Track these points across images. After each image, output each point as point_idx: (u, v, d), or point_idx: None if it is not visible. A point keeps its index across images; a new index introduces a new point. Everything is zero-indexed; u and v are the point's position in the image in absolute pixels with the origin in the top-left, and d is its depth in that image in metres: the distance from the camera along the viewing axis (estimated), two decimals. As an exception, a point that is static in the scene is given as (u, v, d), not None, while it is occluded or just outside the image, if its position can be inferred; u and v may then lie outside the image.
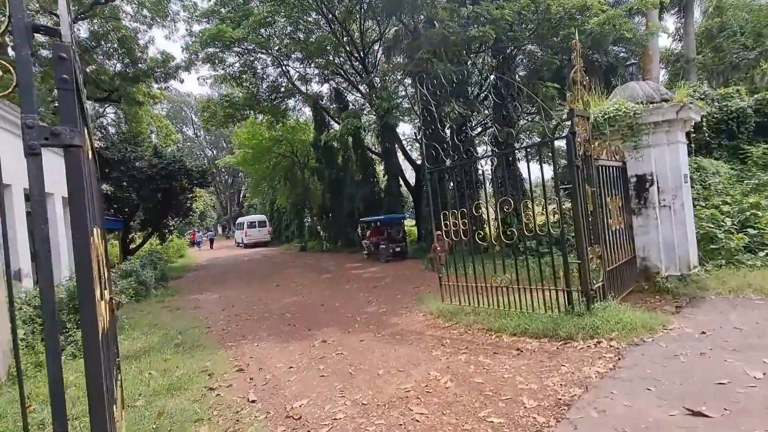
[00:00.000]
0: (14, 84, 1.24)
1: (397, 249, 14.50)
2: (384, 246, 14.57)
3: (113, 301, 3.36)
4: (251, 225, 30.49)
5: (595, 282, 4.89)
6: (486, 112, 17.15)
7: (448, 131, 14.00)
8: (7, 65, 1.26)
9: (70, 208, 1.39)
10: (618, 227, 5.86)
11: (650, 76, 13.87)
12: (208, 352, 5.40)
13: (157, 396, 3.93)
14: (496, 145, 12.04)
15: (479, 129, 18.80)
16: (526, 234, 5.42)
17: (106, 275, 3.06)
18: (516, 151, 11.85)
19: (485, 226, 14.30)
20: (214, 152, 54.87)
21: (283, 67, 18.28)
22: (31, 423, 2.98)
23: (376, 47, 19.50)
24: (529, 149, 6.82)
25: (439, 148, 6.70)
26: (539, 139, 17.45)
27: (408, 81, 20.94)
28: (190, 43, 16.33)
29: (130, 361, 5.13)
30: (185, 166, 16.54)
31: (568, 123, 4.80)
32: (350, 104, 20.67)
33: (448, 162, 7.94)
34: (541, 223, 7.33)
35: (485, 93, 15.29)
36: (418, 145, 25.43)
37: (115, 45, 16.35)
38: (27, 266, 7.27)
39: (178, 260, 22.87)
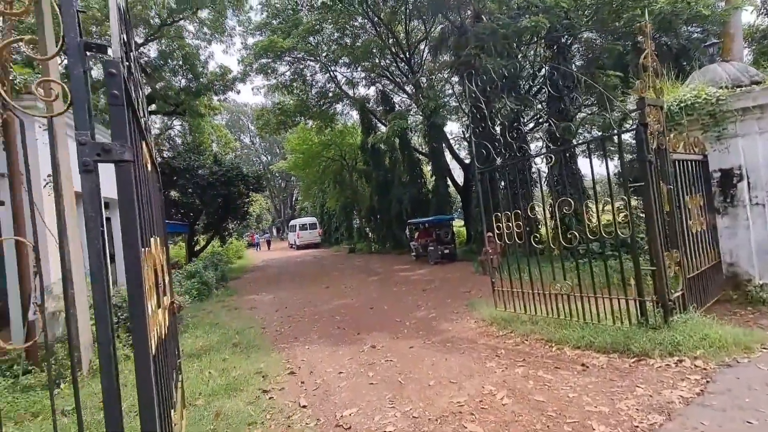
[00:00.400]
0: (69, 102, 1.27)
1: (446, 251, 14.18)
2: (432, 248, 14.33)
3: (174, 304, 3.54)
4: (303, 227, 31.55)
5: (673, 291, 4.35)
6: (539, 106, 16.29)
7: (498, 128, 13.45)
8: (62, 84, 1.30)
9: (120, 221, 1.41)
10: (699, 229, 5.19)
11: (732, 57, 12.29)
12: (263, 353, 5.56)
13: (216, 396, 4.08)
14: (552, 141, 11.31)
15: (532, 125, 17.91)
16: (589, 236, 4.97)
17: (166, 281, 3.23)
18: (576, 147, 11.07)
19: (540, 227, 13.56)
20: (269, 158, 57.59)
21: (331, 73, 18.71)
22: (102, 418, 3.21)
23: (422, 47, 19.32)
24: (591, 144, 6.26)
25: (489, 146, 6.38)
26: (600, 133, 16.28)
27: (455, 79, 20.55)
28: (245, 55, 17.24)
29: (192, 359, 5.42)
30: (242, 172, 17.46)
31: (637, 114, 4.33)
32: (396, 105, 20.64)
33: (498, 161, 7.56)
34: (604, 223, 6.75)
35: (538, 86, 14.51)
36: (466, 143, 24.84)
37: (180, 62, 17.67)
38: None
39: (237, 261, 24.23)
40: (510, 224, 5.75)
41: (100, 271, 1.29)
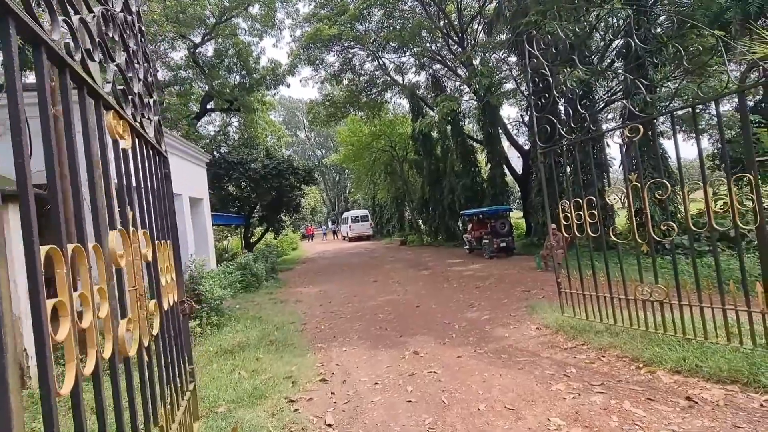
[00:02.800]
0: None
1: (503, 244, 13.06)
2: (488, 240, 13.28)
3: (186, 305, 3.18)
4: (354, 219, 31.64)
5: (822, 303, 3.18)
6: (613, 82, 14.33)
7: (562, 107, 11.98)
8: None
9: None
10: None
11: None
12: (297, 354, 5.19)
13: (240, 403, 3.73)
14: (629, 118, 9.78)
15: (602, 105, 15.90)
16: (694, 229, 3.86)
17: (169, 281, 2.86)
18: (661, 118, 9.37)
19: (615, 217, 11.90)
20: (323, 152, 58.86)
21: (379, 60, 18.10)
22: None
23: (476, 26, 17.98)
24: (686, 113, 4.97)
25: (554, 120, 5.37)
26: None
27: (513, 59, 18.92)
28: (294, 48, 17.22)
29: (227, 356, 5.19)
30: (292, 165, 17.62)
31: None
32: (448, 90, 19.55)
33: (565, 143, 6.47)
34: (695, 213, 5.46)
35: (611, 58, 12.69)
36: (525, 128, 22.99)
37: (234, 59, 18.16)
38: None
39: (291, 252, 24.87)
40: (581, 213, 4.76)
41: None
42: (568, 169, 11.56)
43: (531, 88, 6.29)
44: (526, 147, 18.01)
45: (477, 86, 12.14)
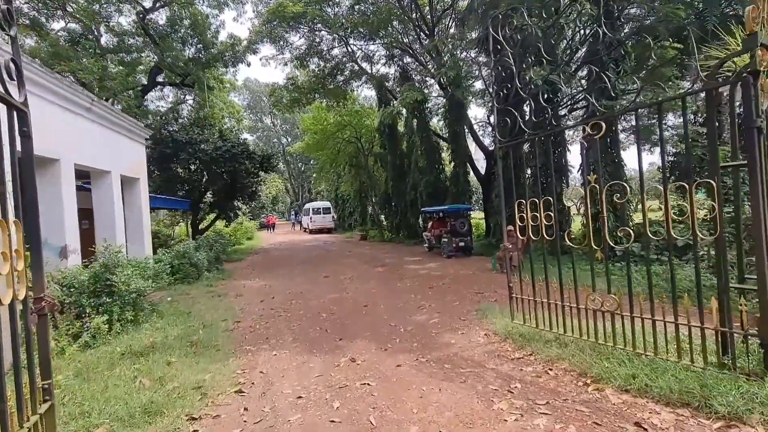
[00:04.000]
0: None
1: (461, 243, 12.88)
2: (447, 239, 13.05)
3: (42, 303, 2.49)
4: (316, 211, 30.74)
5: (774, 321, 2.99)
6: (576, 89, 14.52)
7: (527, 108, 11.91)
8: None
9: None
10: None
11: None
12: (218, 358, 4.54)
13: (126, 423, 3.06)
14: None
15: (565, 110, 16.13)
16: (652, 237, 3.62)
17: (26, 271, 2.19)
18: (623, 115, 9.45)
19: (572, 222, 12.01)
20: (288, 139, 56.96)
21: (348, 46, 17.36)
22: None
23: (448, 21, 17.67)
24: (657, 106, 4.74)
25: (516, 114, 5.04)
26: (647, 116, 14.35)
27: (482, 59, 18.84)
28: (256, 24, 16.11)
29: (134, 359, 4.46)
30: (248, 149, 16.55)
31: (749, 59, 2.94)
32: (417, 84, 19.16)
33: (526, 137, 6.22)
34: (651, 220, 5.38)
35: (578, 62, 12.78)
36: (491, 129, 23.14)
37: (189, 31, 16.74)
38: (75, 242, 7.18)
39: (245, 242, 23.65)
40: (537, 215, 4.45)
41: None
42: (528, 171, 11.55)
43: (494, 77, 5.92)
44: (491, 148, 18.02)
45: (443, 78, 11.76)
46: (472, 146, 19.27)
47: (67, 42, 14.33)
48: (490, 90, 20.47)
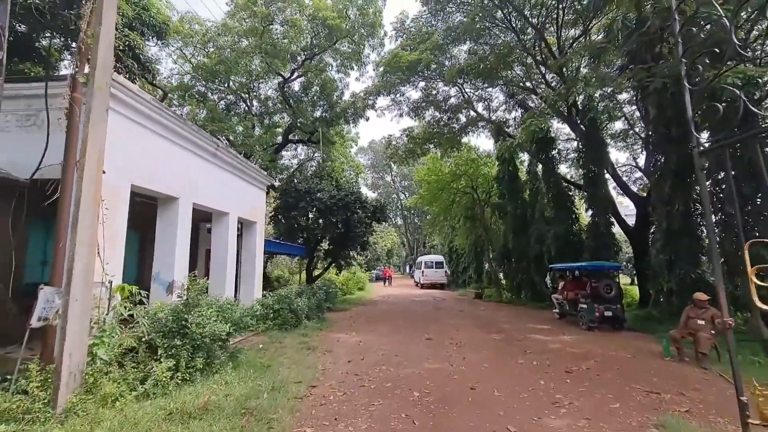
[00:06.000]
0: None
1: (608, 313, 9.83)
2: (586, 306, 10.17)
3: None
4: (428, 265, 29.40)
5: None
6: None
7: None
8: None
9: None
10: None
11: None
12: (265, 442, 3.41)
13: None
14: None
15: None
16: None
17: None
18: None
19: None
20: (406, 195, 58.63)
21: (463, 92, 16.74)
22: None
23: (579, 61, 15.68)
24: None
25: (720, 108, 3.08)
26: None
27: (623, 97, 16.03)
28: (375, 81, 16.86)
29: (180, 422, 3.66)
30: (360, 198, 16.62)
31: None
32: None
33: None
34: None
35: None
36: (639, 175, 19.10)
37: (318, 94, 18.49)
38: (182, 278, 7.33)
39: (356, 292, 23.48)
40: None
41: None
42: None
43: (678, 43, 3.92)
44: (643, 195, 14.55)
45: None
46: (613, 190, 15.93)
47: (223, 110, 17.19)
48: (635, 129, 17.09)
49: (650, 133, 10.48)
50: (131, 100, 5.99)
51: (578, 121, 13.97)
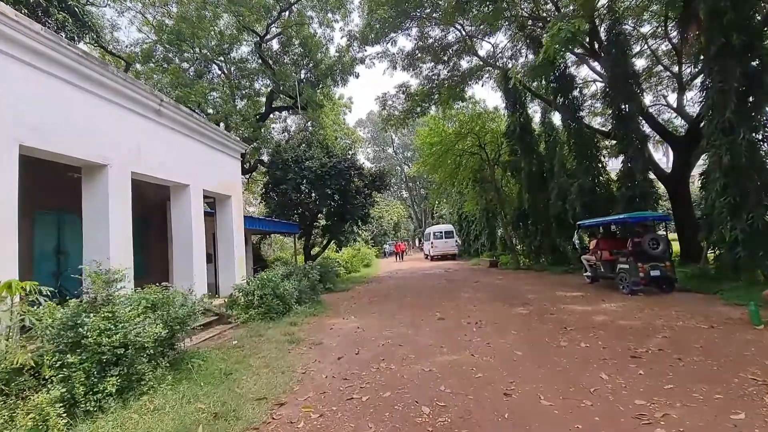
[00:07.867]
0: None
1: (656, 272, 8.16)
2: (627, 266, 8.49)
3: None
4: (437, 236, 27.80)
5: None
6: None
7: None
8: None
9: None
10: None
11: None
12: None
13: None
14: None
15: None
16: None
17: None
18: None
19: None
20: (409, 166, 56.52)
21: (464, 34, 14.54)
22: None
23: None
24: None
25: None
26: None
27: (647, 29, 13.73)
28: (363, 28, 14.71)
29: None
30: (355, 164, 14.89)
31: None
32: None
33: None
34: None
35: None
36: (666, 117, 16.90)
37: (299, 50, 16.41)
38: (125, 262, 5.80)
39: (362, 269, 22.10)
40: None
41: None
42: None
43: None
44: (682, 131, 12.55)
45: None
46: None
47: (194, 77, 15.29)
48: (671, 70, 14.81)
49: (703, 47, 8.41)
50: (9, 30, 4.29)
51: (602, 54, 11.89)
